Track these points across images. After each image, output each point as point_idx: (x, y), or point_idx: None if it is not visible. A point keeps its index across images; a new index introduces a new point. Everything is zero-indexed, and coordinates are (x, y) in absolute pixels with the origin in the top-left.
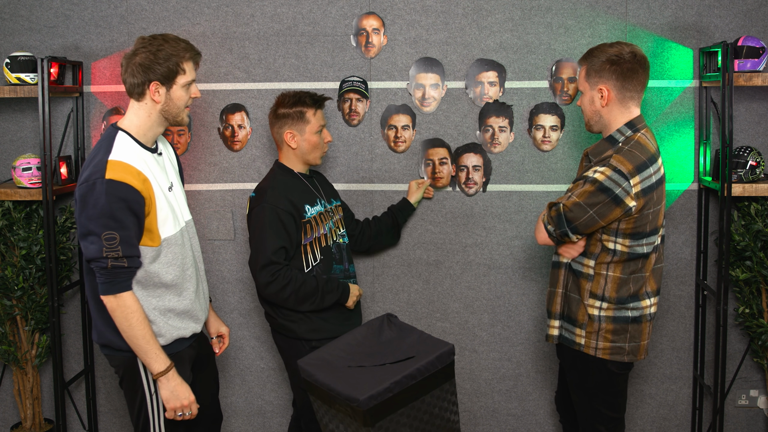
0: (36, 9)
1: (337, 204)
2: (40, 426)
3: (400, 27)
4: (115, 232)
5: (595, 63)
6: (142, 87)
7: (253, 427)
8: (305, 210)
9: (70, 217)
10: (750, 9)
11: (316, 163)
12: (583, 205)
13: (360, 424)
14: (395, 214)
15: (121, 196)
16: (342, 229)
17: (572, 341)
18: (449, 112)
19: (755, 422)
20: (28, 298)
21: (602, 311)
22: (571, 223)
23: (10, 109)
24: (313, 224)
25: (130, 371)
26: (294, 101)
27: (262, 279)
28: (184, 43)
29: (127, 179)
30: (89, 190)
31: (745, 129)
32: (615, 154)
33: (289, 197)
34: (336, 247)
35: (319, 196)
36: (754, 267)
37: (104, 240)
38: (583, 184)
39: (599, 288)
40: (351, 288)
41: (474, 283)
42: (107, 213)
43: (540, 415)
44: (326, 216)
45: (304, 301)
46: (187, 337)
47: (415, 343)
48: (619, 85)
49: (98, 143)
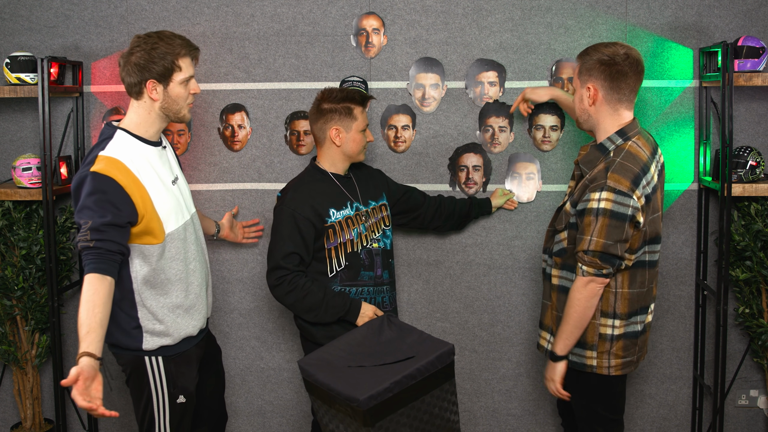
0: (36, 9)
1: (380, 204)
2: (40, 426)
3: (400, 27)
4: (89, 220)
5: (587, 61)
6: (140, 86)
7: (253, 427)
8: (329, 214)
9: (70, 217)
10: (750, 9)
11: (359, 160)
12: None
13: (360, 424)
14: (472, 205)
15: (102, 188)
16: (377, 233)
17: (583, 365)
18: (449, 112)
19: (755, 422)
20: (28, 298)
21: (615, 329)
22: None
23: (10, 109)
24: (336, 229)
25: (138, 370)
26: (342, 97)
27: (270, 281)
28: (179, 40)
29: (112, 173)
30: (78, 184)
31: (745, 129)
32: (610, 172)
33: (310, 202)
34: (366, 253)
35: (352, 199)
36: (754, 267)
37: (81, 227)
38: (595, 221)
39: (609, 305)
40: (363, 307)
41: (474, 283)
42: (86, 203)
43: (540, 415)
44: (356, 220)
45: (308, 312)
46: (194, 335)
47: (415, 343)
48: (607, 86)
49: (96, 143)
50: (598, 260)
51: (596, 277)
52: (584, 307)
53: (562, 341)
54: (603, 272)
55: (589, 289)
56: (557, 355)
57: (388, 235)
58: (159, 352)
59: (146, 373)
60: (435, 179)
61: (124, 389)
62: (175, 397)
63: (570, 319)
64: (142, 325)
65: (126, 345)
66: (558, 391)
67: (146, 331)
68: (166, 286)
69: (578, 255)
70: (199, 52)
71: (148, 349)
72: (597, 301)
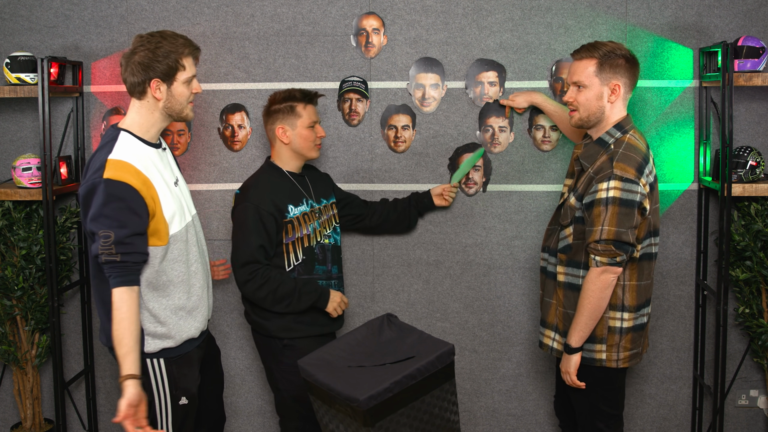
0: (36, 9)
1: (331, 202)
2: (40, 426)
3: (400, 27)
4: (110, 231)
5: (611, 58)
6: (143, 85)
7: (253, 427)
8: (288, 210)
9: (71, 217)
10: (750, 9)
11: (312, 157)
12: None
13: (360, 424)
14: (411, 200)
15: (119, 195)
16: (329, 230)
17: (592, 359)
18: (449, 112)
19: (755, 422)
20: (28, 298)
21: (624, 322)
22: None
23: (10, 109)
24: (295, 224)
25: (140, 372)
26: (284, 96)
27: (241, 277)
28: (182, 39)
29: (126, 178)
30: (89, 191)
31: (745, 129)
32: (615, 161)
33: (271, 197)
34: (319, 248)
35: (307, 196)
36: (754, 267)
37: (101, 238)
38: (605, 210)
39: (618, 298)
40: (332, 294)
41: (474, 283)
42: (104, 212)
43: (540, 415)
44: (311, 216)
45: (281, 302)
46: (196, 337)
47: (415, 343)
48: (629, 84)
49: (100, 145)
50: (613, 247)
51: (610, 266)
52: (599, 298)
53: (577, 333)
54: (617, 260)
55: (603, 280)
56: (572, 347)
57: (338, 231)
58: (161, 355)
59: (148, 376)
60: (435, 179)
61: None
62: (178, 398)
63: (585, 311)
64: (144, 327)
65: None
66: (574, 382)
67: (148, 334)
68: (168, 288)
69: (590, 246)
70: (200, 52)
71: (150, 352)
72: (610, 292)
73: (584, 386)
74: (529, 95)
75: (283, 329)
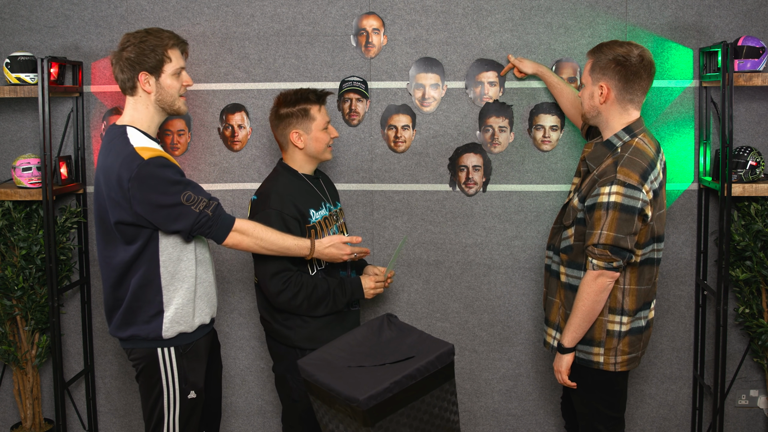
0: (36, 9)
1: (339, 208)
2: (40, 426)
3: (400, 27)
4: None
5: (601, 59)
6: (133, 80)
7: (253, 427)
8: (310, 215)
9: (71, 217)
10: (750, 9)
11: (326, 159)
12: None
13: (360, 424)
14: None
15: (167, 164)
16: (346, 234)
17: (590, 361)
18: (449, 112)
19: (755, 422)
20: (28, 298)
21: (623, 326)
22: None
23: (10, 109)
24: (317, 229)
25: (150, 364)
26: (296, 99)
27: (274, 287)
28: (167, 33)
29: (162, 154)
30: (140, 180)
31: (745, 129)
32: (619, 166)
33: (293, 202)
34: None
35: (325, 199)
36: (754, 267)
37: (186, 202)
38: (605, 215)
39: (617, 302)
40: (363, 281)
41: (474, 283)
42: (170, 181)
43: (540, 415)
44: (331, 220)
45: (318, 305)
46: (207, 324)
47: (415, 343)
48: (620, 86)
49: (110, 145)
50: (609, 252)
51: (606, 270)
52: (593, 301)
53: (570, 334)
54: (613, 265)
55: (598, 283)
56: (565, 347)
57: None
58: (176, 341)
59: (158, 368)
60: (435, 179)
61: (124, 389)
62: (186, 392)
63: (579, 312)
64: (164, 309)
65: (145, 335)
66: (564, 382)
67: (167, 317)
68: (188, 270)
69: (588, 249)
70: (188, 46)
71: (168, 337)
72: (606, 296)
73: (575, 386)
74: (536, 64)
75: (307, 339)
